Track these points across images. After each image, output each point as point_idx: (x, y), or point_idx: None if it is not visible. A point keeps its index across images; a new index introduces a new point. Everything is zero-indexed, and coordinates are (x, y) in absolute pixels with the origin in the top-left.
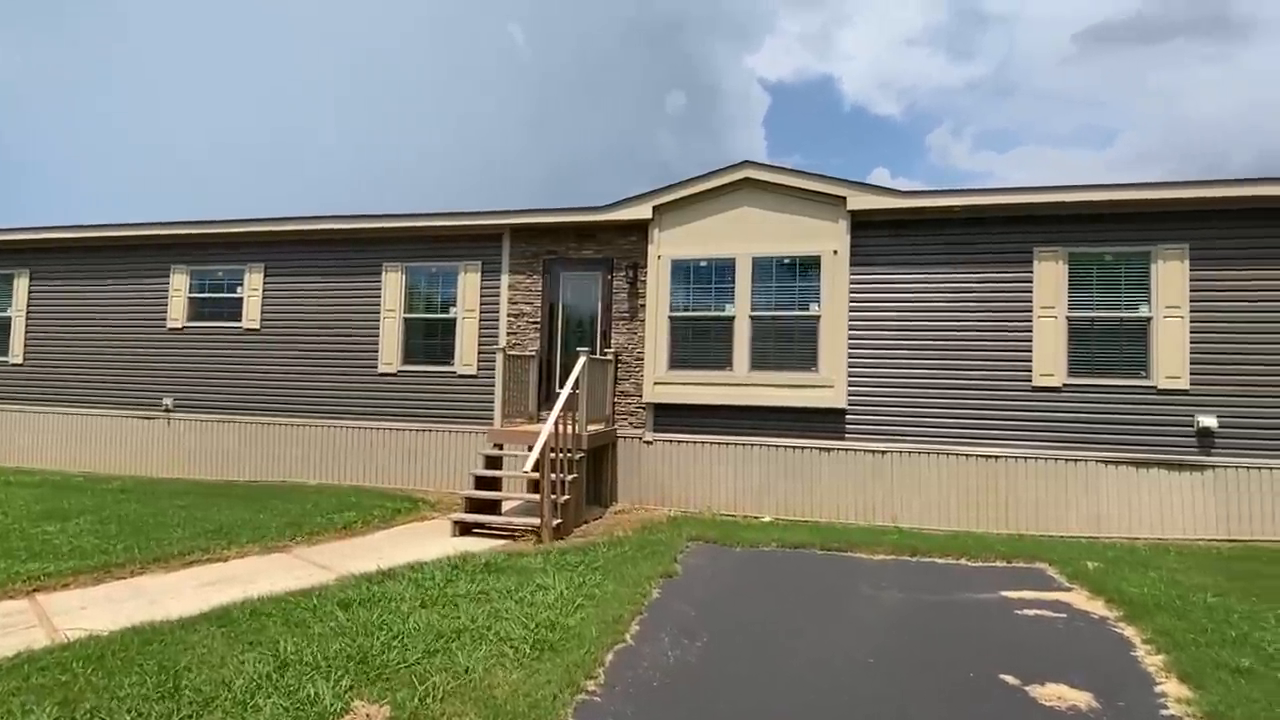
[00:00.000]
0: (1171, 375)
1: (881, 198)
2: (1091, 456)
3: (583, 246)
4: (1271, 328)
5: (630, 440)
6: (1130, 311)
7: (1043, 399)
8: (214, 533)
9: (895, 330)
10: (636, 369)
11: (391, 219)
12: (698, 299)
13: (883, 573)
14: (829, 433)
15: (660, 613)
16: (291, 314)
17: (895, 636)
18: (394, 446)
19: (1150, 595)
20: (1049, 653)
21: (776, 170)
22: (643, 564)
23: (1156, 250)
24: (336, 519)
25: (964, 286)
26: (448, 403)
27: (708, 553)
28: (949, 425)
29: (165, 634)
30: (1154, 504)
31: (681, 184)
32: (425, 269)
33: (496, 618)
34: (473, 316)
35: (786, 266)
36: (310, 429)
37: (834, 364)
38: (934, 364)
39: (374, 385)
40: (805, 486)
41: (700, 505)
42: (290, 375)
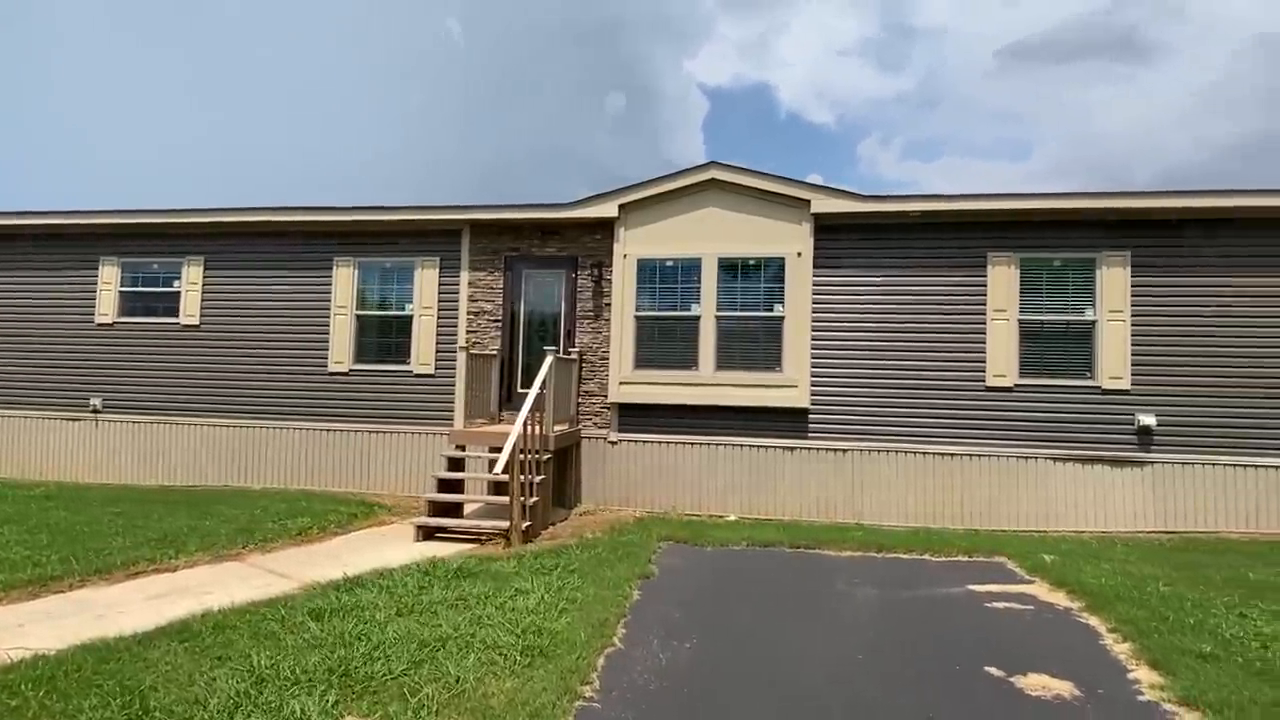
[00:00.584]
0: (1114, 376)
1: (844, 201)
2: (1041, 454)
3: (546, 244)
4: (1205, 331)
5: (595, 441)
6: (1077, 315)
7: (996, 399)
8: (158, 541)
9: (857, 331)
10: (601, 369)
11: (344, 212)
12: (663, 299)
13: (853, 569)
14: (792, 432)
15: (644, 615)
16: (235, 310)
17: (879, 633)
18: (346, 448)
19: (1108, 586)
20: (1024, 644)
21: (742, 172)
22: (619, 566)
23: (1100, 257)
24: (290, 525)
25: (922, 289)
26: (403, 403)
27: (680, 553)
28: (907, 424)
29: (121, 651)
30: (1098, 499)
31: (648, 183)
32: (379, 264)
33: (479, 624)
34: (430, 314)
35: (752, 267)
36: (255, 430)
37: (798, 364)
38: (893, 364)
39: (324, 385)
40: (769, 485)
41: (665, 505)
42: (233, 374)
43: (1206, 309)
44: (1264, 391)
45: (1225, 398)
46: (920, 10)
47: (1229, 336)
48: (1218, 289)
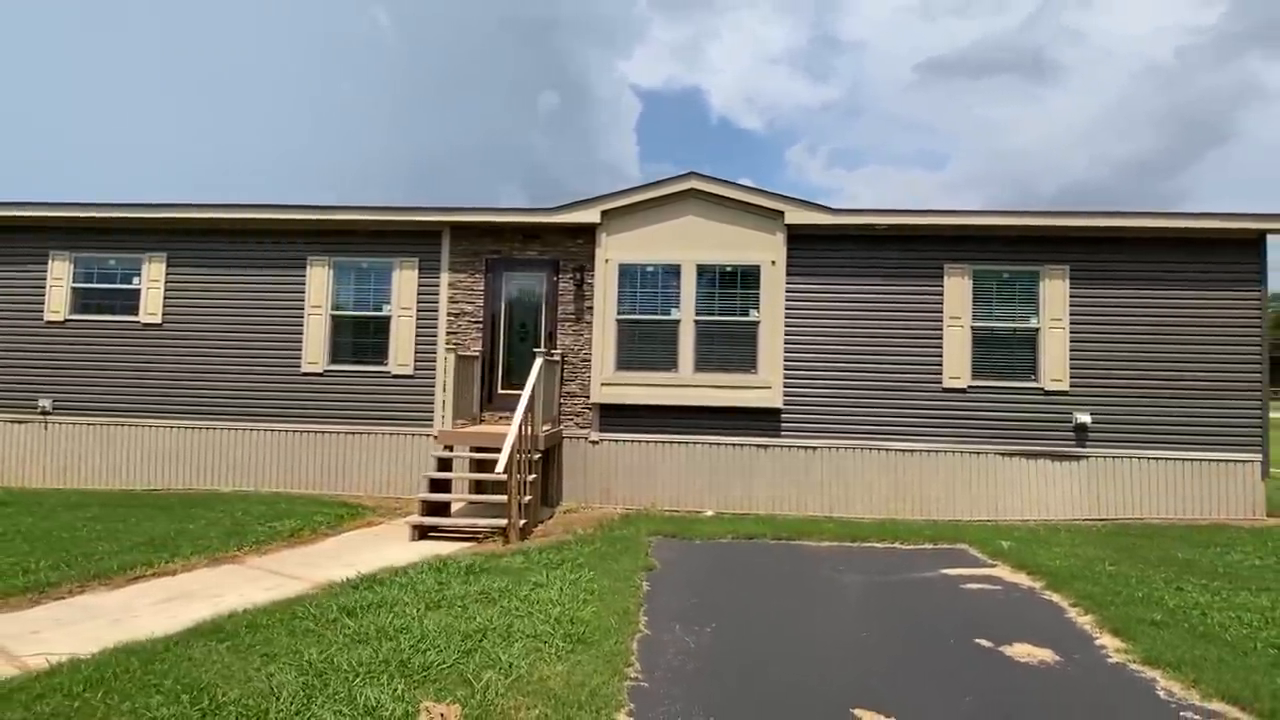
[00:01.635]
0: (1055, 378)
1: (816, 213)
2: (991, 450)
3: (527, 247)
4: (1134, 337)
5: (576, 440)
6: (1023, 323)
7: (951, 399)
8: (146, 546)
9: (826, 336)
10: (583, 370)
11: (319, 211)
12: (644, 303)
13: (835, 558)
14: (766, 431)
15: (659, 603)
16: (200, 308)
17: (875, 613)
18: (321, 450)
19: (1062, 568)
20: (1003, 619)
21: (720, 183)
22: (622, 559)
23: (1043, 270)
24: (279, 527)
25: (885, 297)
26: (381, 404)
27: (673, 547)
28: (872, 423)
29: (161, 653)
30: (1041, 490)
31: (630, 190)
32: (355, 264)
33: (512, 616)
34: (409, 315)
35: (729, 274)
36: (222, 432)
37: (771, 367)
38: (859, 367)
39: (297, 386)
40: (744, 482)
41: (645, 503)
42: (198, 374)
43: (1135, 319)
44: (1184, 392)
45: (1151, 398)
46: (845, 24)
47: (1155, 343)
48: (1146, 301)
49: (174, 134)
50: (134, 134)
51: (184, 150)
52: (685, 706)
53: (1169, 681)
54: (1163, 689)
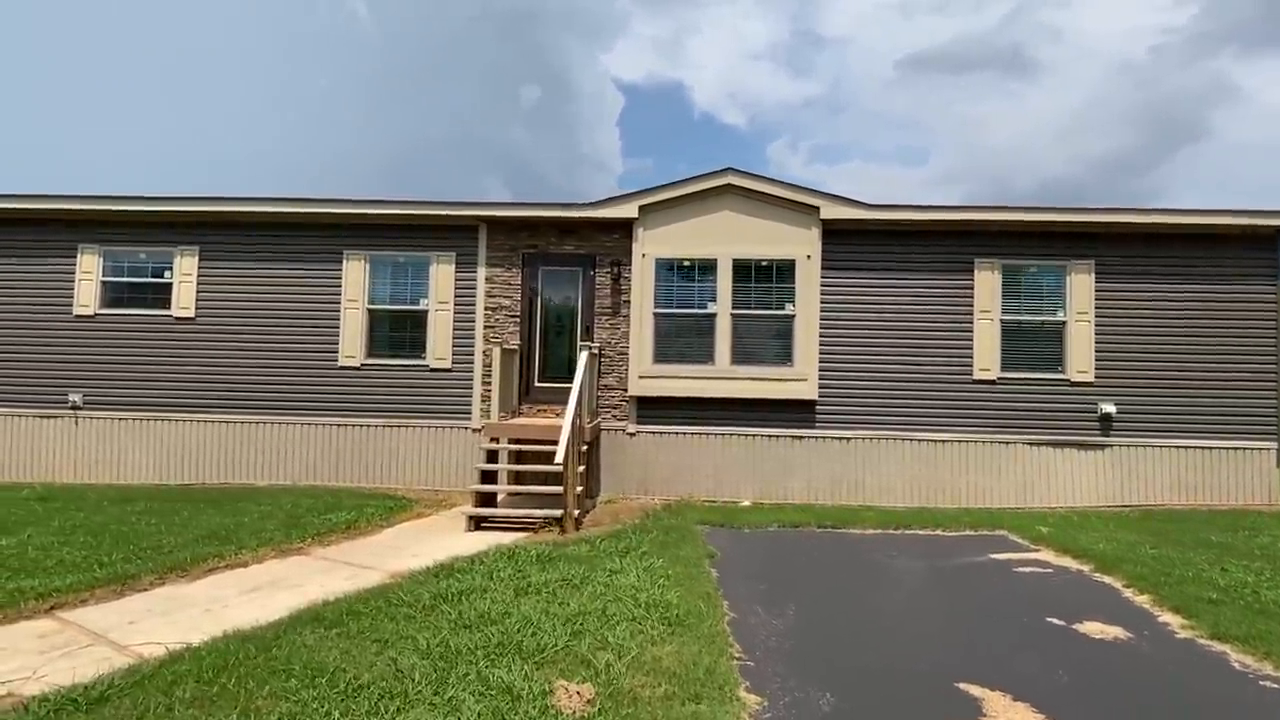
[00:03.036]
0: (1081, 370)
1: (850, 209)
2: (1019, 439)
3: (564, 242)
4: (1156, 331)
5: (613, 433)
6: (1050, 316)
7: (981, 390)
8: (210, 538)
9: (860, 329)
10: (619, 363)
11: (354, 204)
12: (680, 297)
13: (884, 544)
14: (801, 422)
15: (734, 588)
16: (233, 302)
17: (941, 595)
18: (357, 444)
19: (1106, 551)
20: (1066, 600)
21: (757, 178)
22: (682, 547)
23: (1070, 265)
24: (333, 519)
25: (918, 291)
26: (419, 398)
27: (724, 535)
28: (905, 414)
29: (274, 640)
30: (1068, 478)
31: (666, 186)
32: (392, 258)
33: (603, 600)
34: (446, 309)
35: (764, 269)
36: (257, 427)
37: (807, 359)
38: (892, 360)
39: (334, 380)
40: (780, 472)
41: (682, 493)
42: (233, 368)
43: (1158, 312)
44: (1203, 383)
45: (1172, 389)
46: (827, 19)
47: (1176, 336)
48: (1168, 295)
49: (138, 125)
50: (91, 125)
51: (148, 142)
52: (799, 683)
53: (1241, 655)
54: (1236, 661)
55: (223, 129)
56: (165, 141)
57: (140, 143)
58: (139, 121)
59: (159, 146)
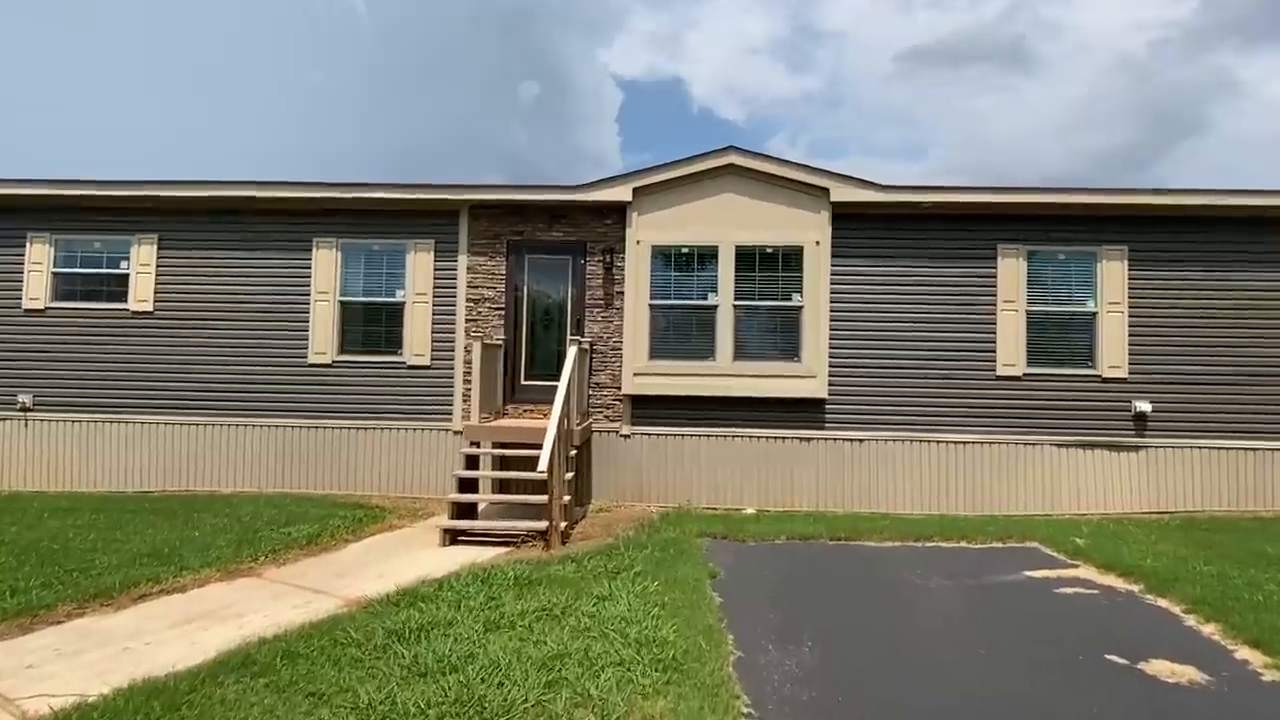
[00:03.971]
0: (1113, 365)
1: (863, 190)
2: (1046, 440)
3: (552, 228)
4: (1195, 322)
5: (606, 435)
6: (1079, 307)
7: (1005, 387)
8: (150, 557)
9: (873, 321)
10: (612, 359)
11: (324, 188)
12: (679, 287)
13: (906, 560)
14: (809, 422)
15: (740, 618)
16: (195, 294)
17: (979, 624)
18: (329, 447)
19: (1154, 568)
20: (1120, 630)
21: (761, 158)
22: (681, 566)
23: (1101, 251)
24: (294, 533)
25: (936, 280)
26: (395, 397)
27: (727, 550)
28: (921, 413)
29: (187, 693)
30: (1099, 482)
31: (663, 166)
32: (365, 247)
33: (585, 637)
34: (425, 301)
35: (769, 256)
36: (222, 429)
37: (816, 354)
38: (908, 355)
39: (303, 378)
40: (786, 477)
41: (681, 500)
42: (194, 366)
43: (1196, 302)
44: (1245, 379)
45: (1213, 385)
46: (825, 14)
47: (1216, 328)
48: (1206, 283)
49: (127, 122)
50: (79, 120)
51: (137, 139)
52: None
53: None
54: None
55: (216, 126)
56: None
57: (129, 139)
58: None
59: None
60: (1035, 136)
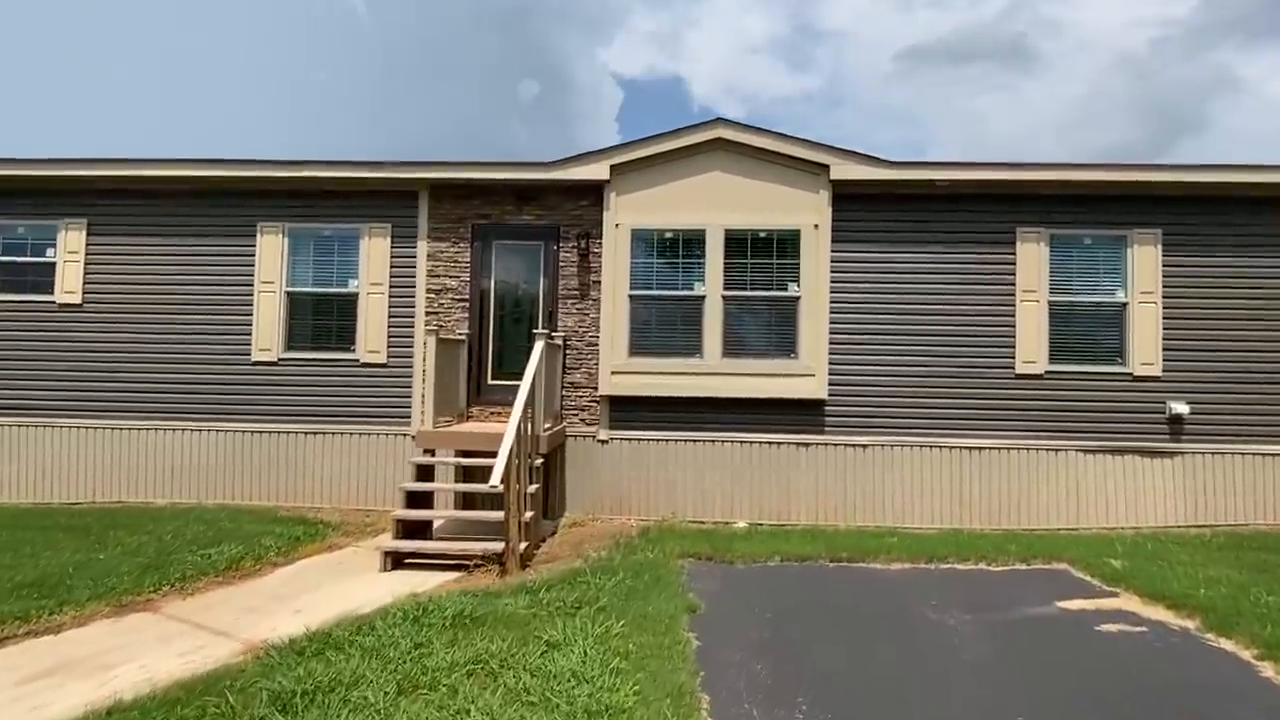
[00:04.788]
0: (1146, 362)
1: (867, 167)
2: (1071, 445)
3: (522, 210)
4: (1239, 314)
5: (581, 440)
6: (1107, 297)
7: (1025, 387)
8: (31, 588)
9: (878, 314)
10: (589, 356)
11: (271, 167)
12: (662, 275)
13: (919, 587)
14: (808, 426)
15: (720, 670)
16: (129, 285)
17: (1012, 676)
18: (275, 454)
19: (1210, 598)
20: (1184, 684)
21: (753, 131)
22: (654, 598)
23: (1132, 235)
24: (215, 555)
25: (948, 268)
26: (348, 399)
27: (712, 574)
28: (932, 416)
29: None
30: (1130, 492)
31: (644, 141)
32: (315, 232)
33: (521, 704)
34: (380, 292)
35: (763, 241)
36: (157, 433)
37: (814, 351)
38: (917, 350)
39: (246, 377)
40: (782, 487)
41: (664, 512)
42: (129, 365)
43: (1239, 291)
44: None
45: (1259, 384)
46: (825, 13)
47: (1263, 320)
48: (1251, 270)
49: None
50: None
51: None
52: None
53: None
54: None
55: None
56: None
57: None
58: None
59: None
60: (1035, 135)
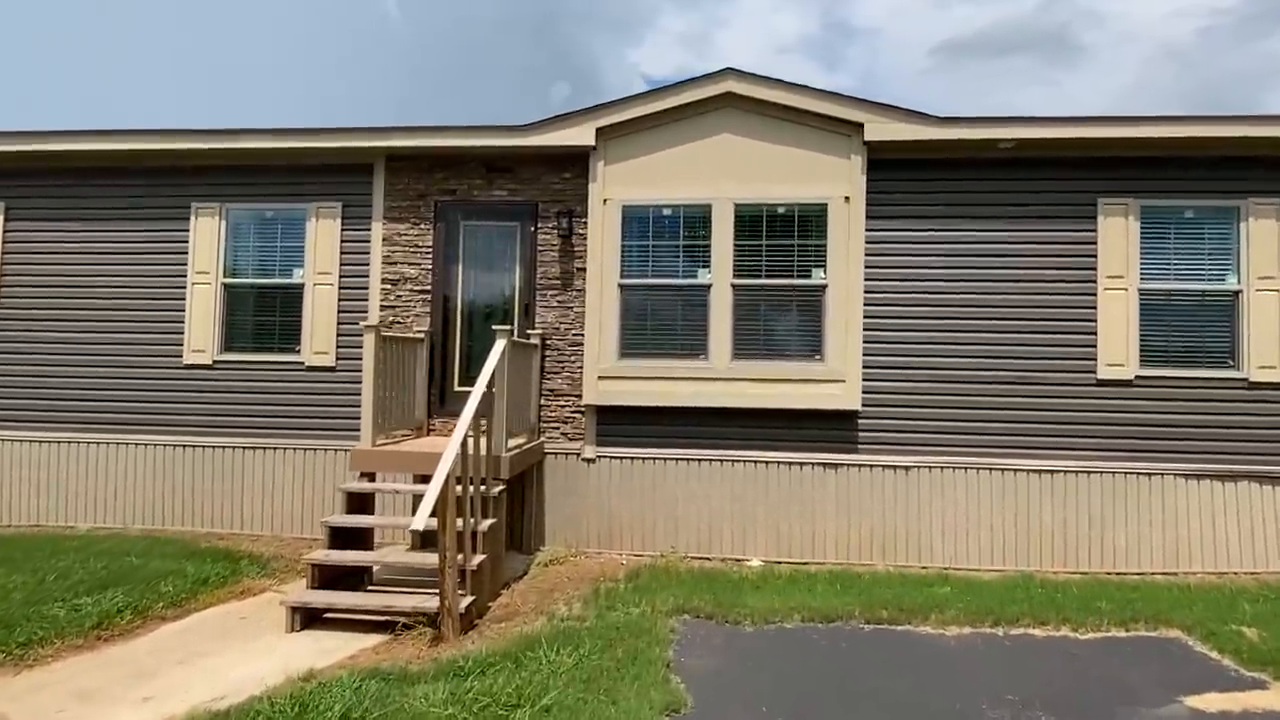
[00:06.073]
0: (1265, 365)
1: (910, 124)
2: (1169, 469)
3: (494, 185)
4: None
5: (563, 457)
6: (1215, 284)
7: (1110, 395)
8: None
9: (923, 305)
10: (573, 357)
11: (203, 137)
12: (660, 261)
13: (982, 665)
14: (837, 443)
15: None
16: (49, 278)
17: None
18: (209, 471)
19: None
20: None
21: (769, 83)
22: (623, 689)
23: (1246, 206)
24: (89, 607)
25: (1010, 248)
26: (292, 407)
27: (711, 644)
28: (991, 431)
29: None
30: (1244, 528)
31: (638, 98)
32: (257, 212)
33: None
34: (329, 282)
35: (782, 217)
36: (80, 446)
37: (845, 352)
38: (972, 350)
39: (177, 383)
40: (805, 517)
41: (661, 545)
42: (48, 368)
43: None
44: None
45: None
46: (858, 10)
47: None
48: None
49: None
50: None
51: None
52: None
53: None
54: None
55: None
56: None
57: None
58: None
59: None
60: None
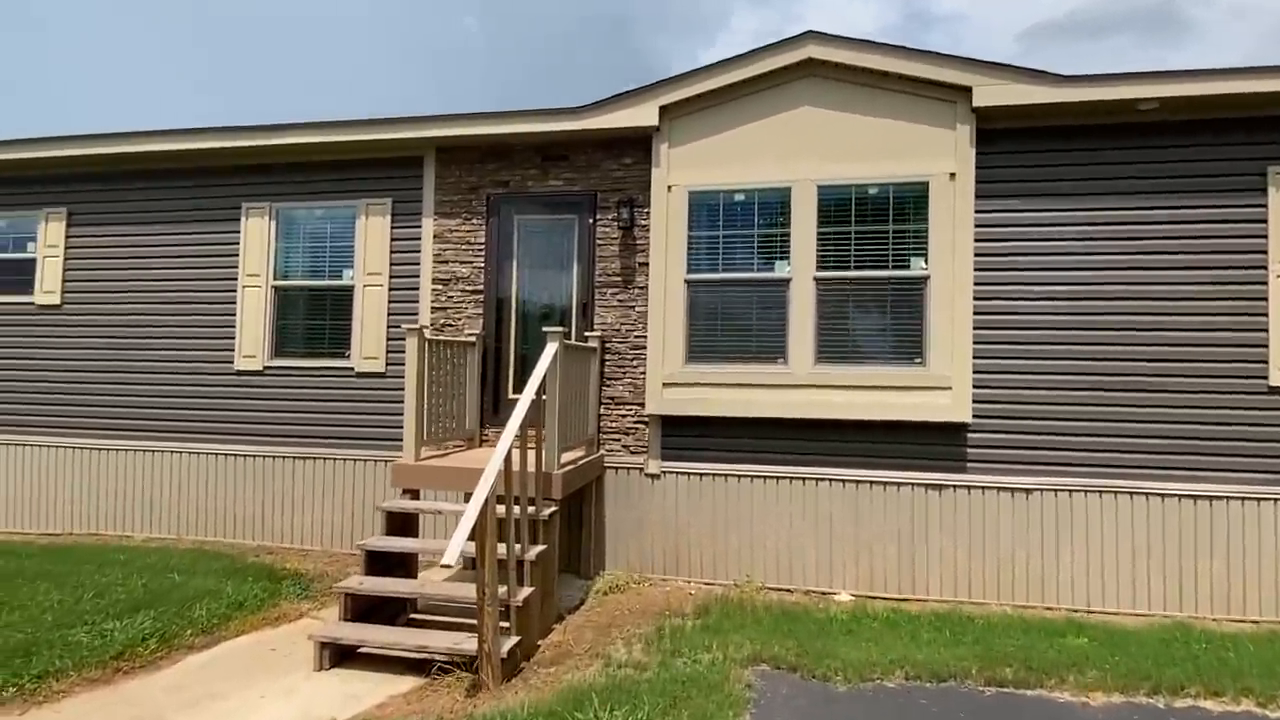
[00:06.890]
0: None
1: (1031, 86)
2: None
3: (549, 174)
4: None
5: (625, 472)
6: None
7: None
8: None
9: (1046, 300)
10: (634, 362)
11: (249, 134)
12: (731, 253)
13: None
14: (943, 460)
15: None
16: (108, 283)
17: None
18: (259, 481)
19: None
20: None
21: (857, 45)
22: None
23: None
24: (116, 632)
25: (1157, 230)
26: (342, 415)
27: (795, 703)
28: (1132, 447)
29: None
30: None
31: (706, 70)
32: (307, 212)
33: None
34: (379, 283)
35: (873, 200)
36: (135, 454)
37: (951, 353)
38: (1108, 351)
39: (229, 389)
40: (904, 545)
41: (735, 573)
42: (106, 375)
43: None
44: None
45: None
46: None
47: None
48: None
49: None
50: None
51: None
52: None
53: None
54: None
55: None
56: None
57: None
58: None
59: None
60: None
